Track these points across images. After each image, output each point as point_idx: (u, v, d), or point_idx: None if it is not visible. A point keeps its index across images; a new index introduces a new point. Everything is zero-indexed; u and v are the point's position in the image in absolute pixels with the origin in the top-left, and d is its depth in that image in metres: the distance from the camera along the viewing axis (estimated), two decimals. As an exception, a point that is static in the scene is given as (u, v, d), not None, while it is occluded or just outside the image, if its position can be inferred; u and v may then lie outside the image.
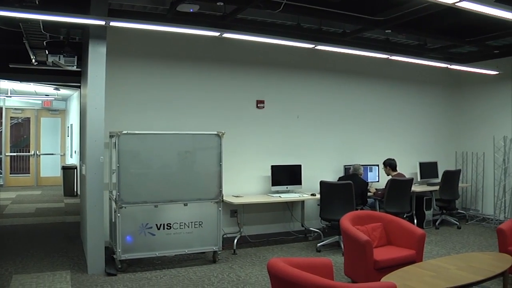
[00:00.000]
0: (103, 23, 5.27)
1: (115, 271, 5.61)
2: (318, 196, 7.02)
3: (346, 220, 5.33)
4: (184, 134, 6.09)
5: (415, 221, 8.18)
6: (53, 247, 6.82)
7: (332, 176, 7.93)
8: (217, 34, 5.84)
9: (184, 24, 5.62)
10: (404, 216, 7.36)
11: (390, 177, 7.67)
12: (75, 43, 7.19)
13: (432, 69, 8.38)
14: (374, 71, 8.56)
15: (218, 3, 5.66)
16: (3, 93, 12.72)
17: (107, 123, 5.74)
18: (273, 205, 7.51)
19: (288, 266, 3.45)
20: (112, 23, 5.29)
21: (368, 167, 8.27)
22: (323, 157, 8.07)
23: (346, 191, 6.66)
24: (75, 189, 11.93)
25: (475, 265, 4.50)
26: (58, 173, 13.89)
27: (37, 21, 5.78)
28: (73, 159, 13.03)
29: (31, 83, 11.08)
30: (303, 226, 7.61)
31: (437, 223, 8.49)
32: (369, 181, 8.06)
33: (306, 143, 7.93)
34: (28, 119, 14.84)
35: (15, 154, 14.58)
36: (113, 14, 5.49)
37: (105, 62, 5.66)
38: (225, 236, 6.68)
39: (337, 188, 6.79)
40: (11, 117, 14.56)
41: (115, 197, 5.68)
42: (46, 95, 13.39)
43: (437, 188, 8.45)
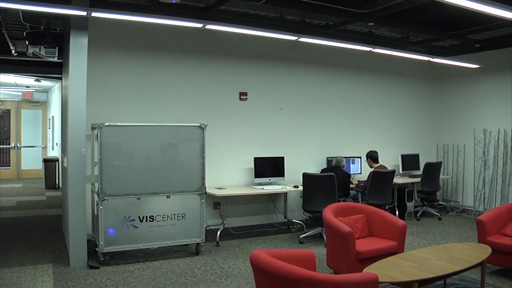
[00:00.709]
0: (84, 13, 5.19)
1: (98, 264, 5.58)
2: (301, 188, 7.05)
3: (328, 212, 5.37)
4: (167, 126, 6.06)
5: (397, 212, 8.28)
6: (35, 240, 6.76)
7: (315, 168, 7.96)
8: (200, 25, 5.80)
9: (167, 15, 5.57)
10: (386, 208, 7.42)
11: (372, 169, 7.73)
12: (56, 34, 7.09)
13: (415, 62, 8.44)
14: (357, 63, 8.60)
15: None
16: (-18, 85, 12.52)
17: (89, 115, 5.69)
18: (256, 197, 7.53)
19: (271, 257, 3.47)
20: (94, 14, 5.22)
21: (351, 159, 8.33)
22: (306, 149, 8.10)
23: (329, 183, 6.69)
24: (56, 182, 11.81)
25: (455, 255, 4.57)
26: (40, 165, 13.72)
27: (16, 11, 5.70)
28: (54, 152, 12.88)
29: (11, 75, 10.90)
30: (286, 218, 7.64)
31: (418, 215, 8.59)
32: (351, 173, 8.11)
33: (289, 135, 7.95)
34: (8, 111, 14.62)
35: (-5, 146, 14.40)
36: (94, 5, 5.40)
37: (86, 53, 5.60)
38: (208, 228, 6.68)
39: (319, 180, 6.82)
40: (-10, 109, 14.37)
41: (97, 189, 5.64)
42: (26, 86, 13.20)
43: (418, 180, 8.54)
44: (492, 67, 8.61)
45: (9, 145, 14.54)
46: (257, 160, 7.38)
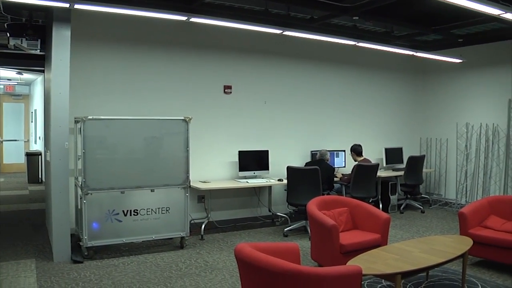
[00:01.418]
0: (67, 5, 5.12)
1: (82, 259, 5.54)
2: (285, 181, 7.06)
3: (312, 205, 5.39)
4: (151, 119, 6.03)
5: (381, 205, 8.35)
6: (17, 235, 6.69)
7: (299, 162, 7.99)
8: (184, 18, 5.77)
9: (151, 8, 5.52)
10: (370, 201, 7.48)
11: (356, 162, 7.78)
12: (38, 26, 6.98)
13: (398, 56, 8.49)
14: (342, 57, 8.62)
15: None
16: (-38, 78, 12.35)
17: (72, 108, 5.64)
18: (241, 190, 7.53)
19: (255, 251, 3.47)
20: (77, 6, 5.15)
21: (335, 152, 8.36)
22: (290, 143, 8.12)
23: (313, 176, 6.72)
24: (40, 176, 11.70)
25: (437, 247, 4.62)
26: (22, 159, 13.57)
27: (-3, 2, 5.60)
28: (37, 145, 12.76)
29: (-8, 67, 10.77)
30: (270, 211, 7.66)
31: (401, 208, 8.67)
32: (335, 166, 8.15)
33: (274, 128, 7.96)
34: (-11, 105, 14.45)
35: (-24, 140, 14.20)
36: (77, -4, 5.35)
37: (69, 46, 5.54)
38: (192, 221, 6.67)
39: (304, 173, 6.84)
40: (-29, 102, 14.16)
41: (80, 183, 5.60)
42: (8, 79, 13.02)
43: (402, 173, 8.62)
44: (475, 62, 8.70)
45: (-9, 139, 14.37)
46: (241, 154, 7.38)
